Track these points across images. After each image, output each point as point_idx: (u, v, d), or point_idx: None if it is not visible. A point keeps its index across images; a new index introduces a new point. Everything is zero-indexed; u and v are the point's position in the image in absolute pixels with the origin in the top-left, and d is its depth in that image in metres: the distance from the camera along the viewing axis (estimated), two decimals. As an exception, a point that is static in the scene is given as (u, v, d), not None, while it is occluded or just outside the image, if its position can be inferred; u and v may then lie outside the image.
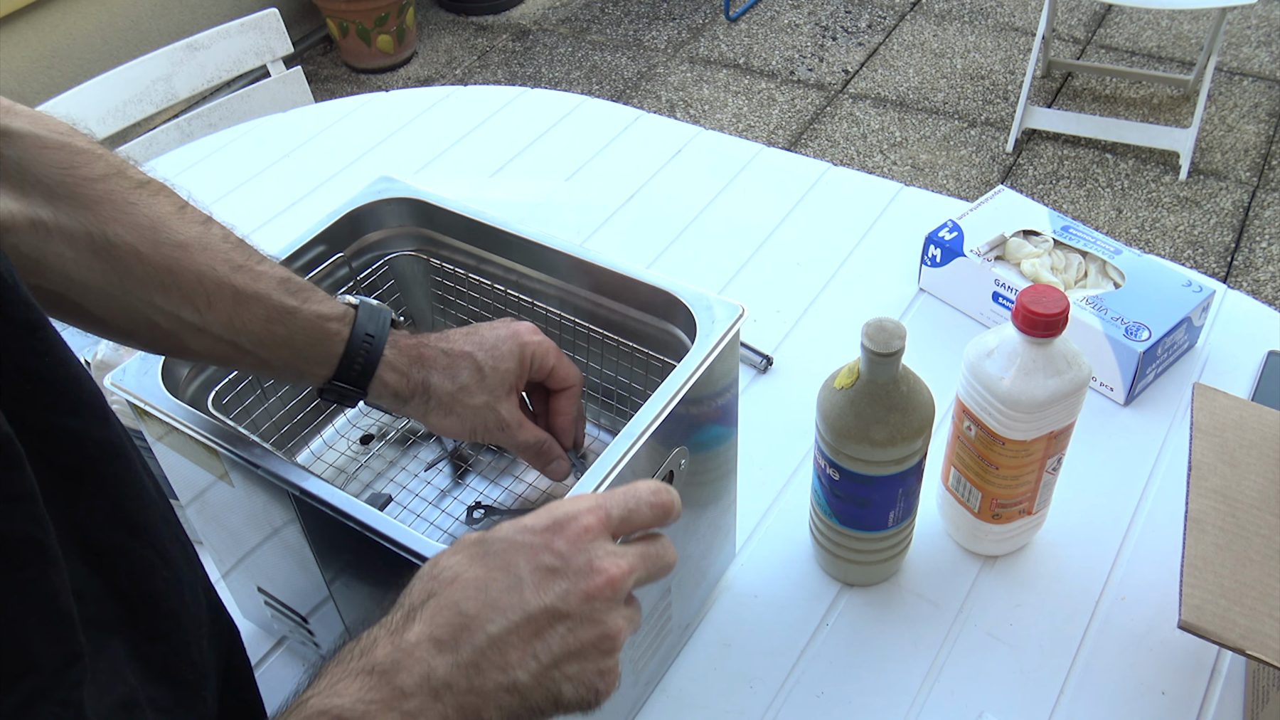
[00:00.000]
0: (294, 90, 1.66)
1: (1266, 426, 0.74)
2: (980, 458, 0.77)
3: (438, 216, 0.81)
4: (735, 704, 0.75)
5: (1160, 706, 0.74)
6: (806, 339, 1.04)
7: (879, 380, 0.70)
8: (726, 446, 0.75)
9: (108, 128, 1.48)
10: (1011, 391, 0.71)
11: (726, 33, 3.26)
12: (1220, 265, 2.34)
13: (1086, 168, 2.62)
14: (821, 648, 0.78)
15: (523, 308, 0.80)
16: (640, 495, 0.50)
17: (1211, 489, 0.70)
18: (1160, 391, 0.96)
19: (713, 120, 2.89)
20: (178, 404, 0.65)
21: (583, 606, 0.46)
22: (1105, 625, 0.79)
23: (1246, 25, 3.06)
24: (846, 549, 0.79)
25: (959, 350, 0.76)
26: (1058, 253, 1.02)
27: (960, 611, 0.80)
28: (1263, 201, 2.49)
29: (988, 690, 0.75)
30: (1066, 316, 0.70)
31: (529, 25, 3.39)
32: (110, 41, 2.75)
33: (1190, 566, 0.65)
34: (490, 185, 1.27)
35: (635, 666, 0.72)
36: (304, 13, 3.24)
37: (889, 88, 2.96)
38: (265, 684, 0.79)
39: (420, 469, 0.84)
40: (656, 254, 1.15)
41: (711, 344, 0.65)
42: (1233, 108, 2.77)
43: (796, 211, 1.20)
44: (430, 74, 3.20)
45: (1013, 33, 3.16)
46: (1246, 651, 0.61)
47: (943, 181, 2.62)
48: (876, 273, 1.11)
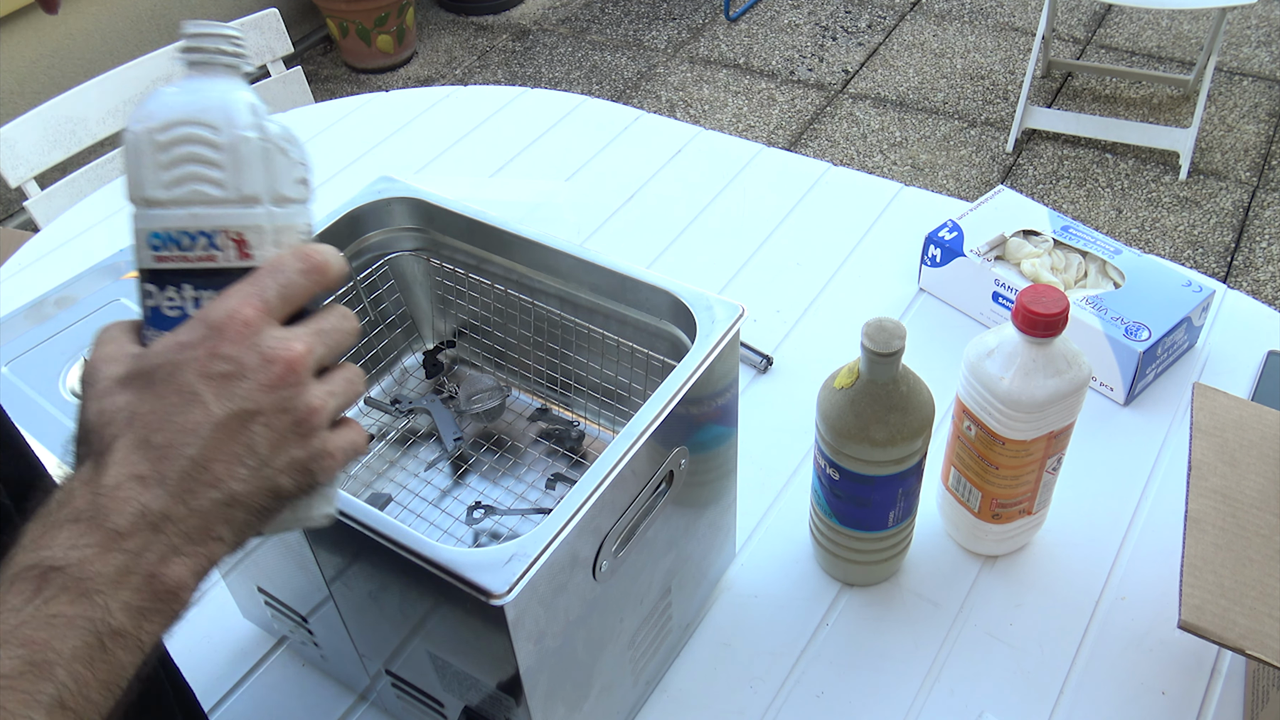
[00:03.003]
0: (294, 90, 1.66)
1: (1266, 426, 0.74)
2: (980, 458, 0.77)
3: (438, 216, 0.81)
4: (735, 704, 0.75)
5: (1160, 706, 0.74)
6: (806, 339, 1.04)
7: (879, 380, 0.70)
8: (726, 446, 0.75)
9: (108, 128, 1.48)
10: (1011, 391, 0.71)
11: (726, 33, 3.26)
12: (1220, 265, 2.34)
13: (1086, 168, 2.62)
14: (821, 648, 0.78)
15: (523, 308, 0.80)
16: (287, 266, 0.47)
17: (1211, 489, 0.70)
18: (1160, 391, 0.96)
19: (713, 120, 2.89)
20: (178, 404, 0.64)
21: (270, 398, 0.45)
22: (1105, 625, 0.79)
23: (1246, 25, 3.06)
24: (846, 549, 0.79)
25: (959, 350, 0.76)
26: (1058, 253, 1.02)
27: (960, 611, 0.80)
28: (1263, 201, 2.49)
29: (988, 690, 0.75)
30: (1066, 316, 0.70)
31: (529, 25, 3.39)
32: (110, 41, 2.75)
33: (1190, 566, 0.65)
34: (490, 185, 1.27)
35: (635, 666, 0.72)
36: (304, 13, 3.24)
37: (889, 88, 2.96)
38: (266, 684, 0.79)
39: (420, 469, 0.84)
40: (656, 254, 1.15)
41: (711, 344, 0.65)
42: (1233, 108, 2.77)
43: (796, 211, 1.20)
44: (430, 74, 3.20)
45: (1013, 33, 3.16)
46: (1246, 651, 0.61)
47: (943, 181, 2.62)
48: (876, 273, 1.11)
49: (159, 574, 0.42)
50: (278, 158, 0.50)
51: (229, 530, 0.44)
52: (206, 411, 0.44)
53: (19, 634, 0.39)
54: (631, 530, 0.63)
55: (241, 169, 0.49)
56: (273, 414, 0.45)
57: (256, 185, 0.49)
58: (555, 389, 0.85)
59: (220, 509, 0.44)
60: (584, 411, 0.86)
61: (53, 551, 0.41)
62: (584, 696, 0.66)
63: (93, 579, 0.40)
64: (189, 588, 0.43)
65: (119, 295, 1.12)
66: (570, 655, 0.62)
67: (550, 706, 0.62)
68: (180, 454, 0.43)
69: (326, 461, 0.46)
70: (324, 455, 0.46)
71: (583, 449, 0.85)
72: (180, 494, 0.43)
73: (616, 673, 0.69)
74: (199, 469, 0.43)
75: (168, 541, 0.42)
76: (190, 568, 0.43)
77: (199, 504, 0.43)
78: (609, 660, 0.67)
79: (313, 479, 0.46)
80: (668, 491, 0.66)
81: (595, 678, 0.67)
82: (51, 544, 0.41)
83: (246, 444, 0.44)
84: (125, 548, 0.41)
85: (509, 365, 0.87)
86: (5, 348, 1.06)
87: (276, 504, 0.45)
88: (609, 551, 0.61)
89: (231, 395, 0.44)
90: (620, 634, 0.68)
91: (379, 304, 0.84)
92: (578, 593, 0.60)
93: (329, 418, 0.47)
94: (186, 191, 0.48)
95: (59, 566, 0.40)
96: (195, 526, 0.43)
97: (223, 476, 0.44)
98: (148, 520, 0.42)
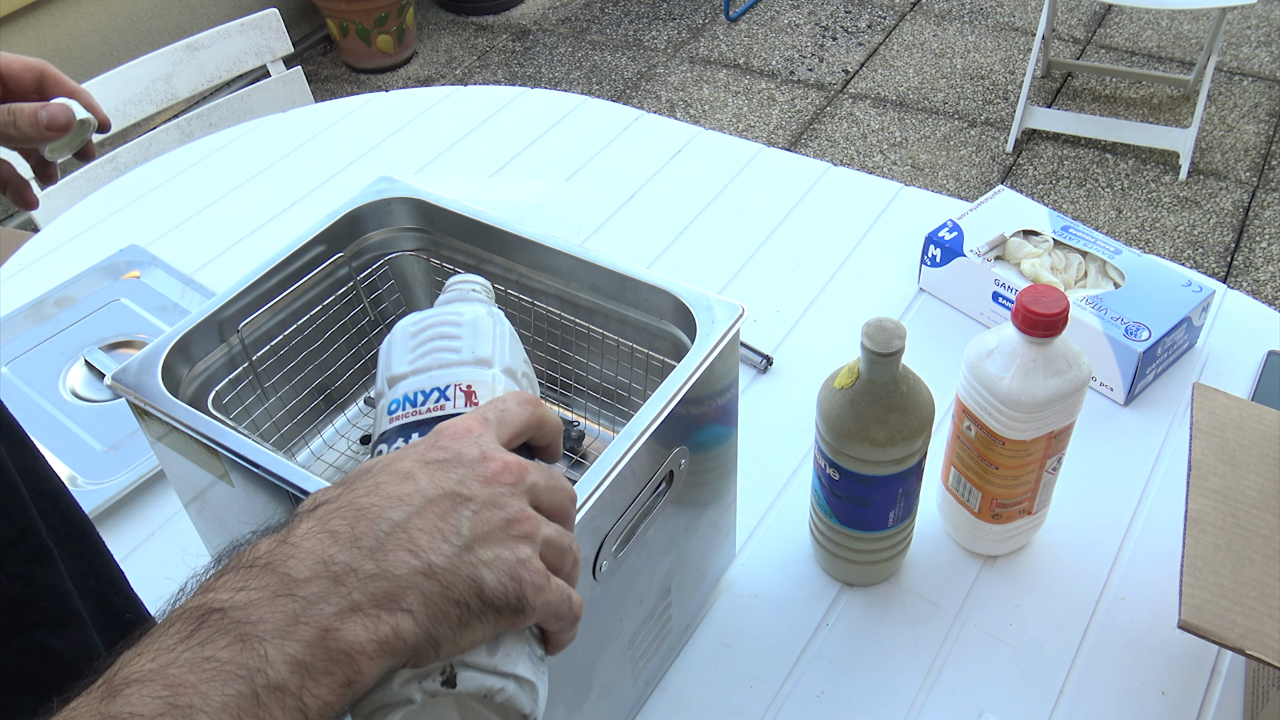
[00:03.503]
0: (294, 90, 1.66)
1: (1266, 426, 0.74)
2: (980, 458, 0.77)
3: (438, 216, 0.81)
4: (735, 704, 0.75)
5: (1160, 706, 0.74)
6: (806, 339, 1.04)
7: (879, 380, 0.70)
8: (726, 446, 0.75)
9: (108, 128, 1.48)
10: (1011, 391, 0.71)
11: (726, 33, 3.26)
12: (1220, 265, 2.34)
13: (1086, 168, 2.62)
14: (821, 648, 0.78)
15: (523, 307, 0.80)
16: (505, 398, 0.48)
17: (1211, 489, 0.70)
18: (1160, 391, 0.96)
19: (713, 120, 2.89)
20: (178, 404, 0.65)
21: (484, 490, 0.43)
22: (1105, 625, 0.79)
23: (1246, 25, 3.06)
24: (846, 549, 0.79)
25: (959, 350, 0.76)
26: (1058, 253, 1.02)
27: (960, 611, 0.80)
28: (1263, 201, 2.49)
29: (988, 690, 0.75)
30: (1066, 316, 0.70)
31: (529, 25, 3.39)
32: (110, 41, 2.75)
33: (1190, 566, 0.65)
34: (490, 185, 1.27)
35: (635, 666, 0.72)
36: (304, 13, 3.24)
37: (889, 88, 2.96)
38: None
39: (420, 469, 0.84)
40: (656, 254, 1.15)
41: (711, 344, 0.65)
42: (1233, 108, 2.77)
43: (796, 211, 1.20)
44: (430, 74, 3.20)
45: (1013, 33, 3.16)
46: (1246, 651, 0.61)
47: (943, 181, 2.62)
48: (876, 273, 1.11)
49: (333, 629, 0.37)
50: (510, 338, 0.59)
51: (421, 605, 0.39)
52: (417, 486, 0.42)
53: (166, 674, 0.35)
54: (631, 530, 0.63)
55: (479, 338, 0.57)
56: (484, 505, 0.42)
57: (488, 350, 0.56)
58: (555, 389, 0.85)
59: (414, 577, 0.39)
60: (584, 411, 0.86)
61: (217, 594, 0.37)
62: (584, 696, 0.66)
63: (256, 624, 0.36)
64: (366, 655, 0.37)
65: (119, 295, 1.12)
66: (570, 655, 0.62)
67: (550, 706, 0.62)
68: (383, 516, 0.41)
69: (536, 578, 0.42)
70: (534, 569, 0.42)
71: (583, 449, 0.85)
72: (372, 553, 0.39)
73: (616, 673, 0.69)
74: (399, 532, 0.40)
75: (348, 597, 0.38)
76: (371, 632, 0.38)
77: (390, 565, 0.39)
78: (609, 660, 0.67)
79: (520, 590, 0.42)
80: (668, 491, 0.66)
81: (595, 678, 0.67)
82: (219, 586, 0.38)
83: (454, 525, 0.41)
84: (299, 594, 0.37)
85: (509, 365, 0.87)
86: (5, 348, 1.06)
87: (476, 602, 0.41)
88: (609, 551, 0.61)
89: (446, 477, 0.43)
90: (620, 634, 0.68)
91: (379, 304, 0.84)
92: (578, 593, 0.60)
93: (541, 536, 0.44)
94: (429, 360, 0.55)
95: (221, 608, 0.37)
96: (382, 589, 0.39)
97: (423, 546, 0.40)
98: (330, 570, 0.38)
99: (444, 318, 0.58)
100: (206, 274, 1.15)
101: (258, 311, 0.74)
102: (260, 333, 0.75)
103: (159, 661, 0.35)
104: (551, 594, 0.43)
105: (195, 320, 0.70)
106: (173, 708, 0.34)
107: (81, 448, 0.94)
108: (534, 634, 0.45)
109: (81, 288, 1.13)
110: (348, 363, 0.83)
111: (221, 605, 0.37)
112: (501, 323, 0.59)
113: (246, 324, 0.73)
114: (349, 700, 0.37)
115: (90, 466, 0.93)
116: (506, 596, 0.41)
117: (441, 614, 0.39)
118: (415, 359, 0.56)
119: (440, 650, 0.40)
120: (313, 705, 0.36)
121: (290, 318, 0.77)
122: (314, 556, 0.38)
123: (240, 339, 0.73)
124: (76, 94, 0.72)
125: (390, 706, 0.40)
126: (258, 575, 0.38)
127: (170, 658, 0.35)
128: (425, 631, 0.39)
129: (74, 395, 1.00)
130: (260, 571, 0.38)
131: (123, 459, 0.93)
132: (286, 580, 0.38)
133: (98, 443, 0.95)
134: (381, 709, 0.40)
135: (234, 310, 0.73)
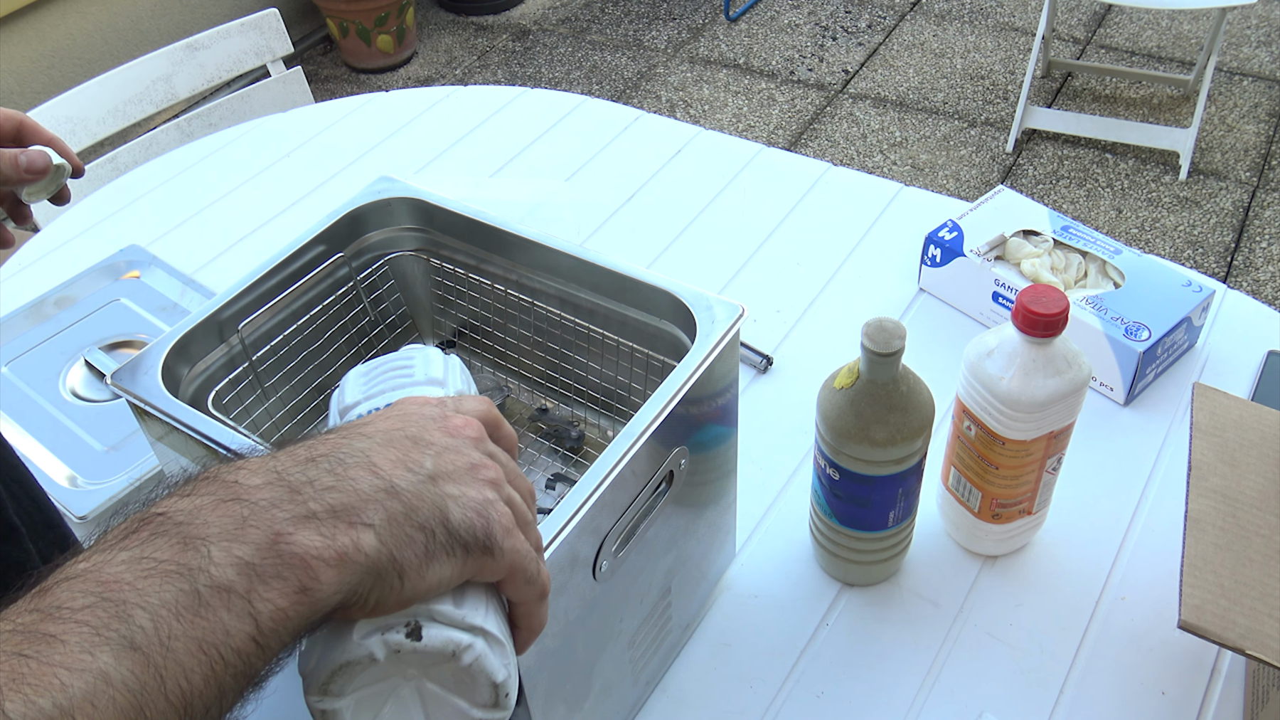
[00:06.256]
0: (294, 90, 1.66)
1: (1266, 426, 0.74)
2: (980, 458, 0.77)
3: (438, 216, 0.81)
4: (735, 704, 0.75)
5: (1160, 706, 0.74)
6: (806, 339, 1.04)
7: (879, 380, 0.70)
8: (726, 446, 0.75)
9: (108, 128, 1.48)
10: (1011, 391, 0.71)
11: (726, 33, 3.26)
12: (1220, 265, 2.34)
13: (1086, 168, 2.62)
14: (821, 648, 0.78)
15: (523, 308, 0.80)
16: (462, 395, 0.48)
17: (1211, 489, 0.70)
18: (1160, 391, 0.96)
19: (713, 120, 2.89)
20: (178, 404, 0.65)
21: (446, 439, 0.41)
22: (1105, 625, 0.79)
23: (1246, 25, 3.06)
24: (846, 549, 0.79)
25: (959, 350, 0.76)
26: (1058, 253, 1.02)
27: (960, 611, 0.80)
28: (1263, 201, 2.49)
29: (988, 690, 0.75)
30: (1066, 316, 0.70)
31: (529, 25, 3.39)
32: (110, 41, 2.75)
33: (1190, 566, 0.65)
34: (490, 185, 1.27)
35: (635, 666, 0.72)
36: (304, 13, 3.24)
37: (889, 88, 2.96)
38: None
39: (420, 469, 0.84)
40: (656, 254, 1.15)
41: (711, 344, 0.65)
42: (1233, 108, 2.77)
43: (796, 211, 1.20)
44: (430, 74, 3.20)
45: (1013, 33, 3.16)
46: (1246, 651, 0.61)
47: (943, 181, 2.62)
48: (876, 273, 1.11)
49: (285, 533, 0.34)
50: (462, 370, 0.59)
51: (384, 521, 0.37)
52: (377, 428, 0.41)
53: (100, 573, 0.33)
54: (631, 530, 0.63)
55: (430, 364, 0.57)
56: (446, 450, 0.41)
57: (440, 373, 0.56)
58: (555, 389, 0.85)
59: (376, 493, 0.37)
60: (584, 411, 0.86)
61: (160, 504, 0.35)
62: (584, 696, 0.66)
63: (200, 526, 0.34)
64: (324, 561, 0.34)
65: (119, 295, 1.12)
66: (570, 655, 0.62)
67: (550, 706, 0.62)
68: (341, 447, 0.39)
69: (504, 519, 0.40)
70: (502, 512, 0.41)
71: (583, 449, 0.85)
72: (332, 468, 0.37)
73: (616, 673, 0.69)
74: (358, 455, 0.38)
75: (304, 505, 0.35)
76: (328, 539, 0.35)
77: (351, 480, 0.37)
78: (609, 660, 0.67)
79: (488, 528, 0.40)
80: (668, 491, 0.66)
81: (595, 678, 0.67)
82: (162, 500, 0.35)
83: (417, 459, 0.40)
84: (248, 499, 0.35)
85: (509, 365, 0.87)
86: (5, 348, 1.06)
87: (441, 530, 0.38)
88: (609, 551, 0.61)
89: (407, 426, 0.42)
90: (620, 634, 0.68)
91: (379, 304, 0.84)
92: (578, 593, 0.60)
93: (506, 492, 0.42)
94: (381, 385, 0.56)
95: (163, 513, 0.34)
96: (341, 501, 0.36)
97: (383, 467, 0.38)
98: (285, 481, 0.36)
99: (395, 358, 0.58)
100: (206, 274, 1.15)
101: (258, 311, 0.74)
102: (260, 333, 0.75)
103: (93, 561, 0.33)
104: (520, 543, 0.41)
105: (195, 320, 0.70)
106: (103, 600, 0.32)
107: (81, 448, 0.94)
108: (502, 605, 0.43)
109: (81, 288, 1.13)
110: (348, 363, 0.83)
111: (164, 510, 0.34)
112: (454, 359, 0.59)
113: (246, 324, 0.73)
114: (308, 612, 0.35)
115: (90, 466, 0.93)
116: (474, 532, 0.39)
117: (406, 537, 0.37)
118: (368, 387, 0.55)
119: (405, 580, 0.37)
120: (264, 610, 0.33)
121: (290, 318, 0.77)
122: (267, 468, 0.36)
123: (240, 339, 0.73)
124: (53, 142, 0.76)
125: (350, 665, 0.38)
126: (205, 485, 0.35)
127: (105, 558, 0.33)
128: (389, 551, 0.36)
129: (74, 395, 1.00)
130: (208, 482, 0.36)
131: (123, 459, 0.93)
132: (235, 487, 0.35)
133: (98, 443, 0.95)
134: (342, 669, 0.38)
135: (234, 310, 0.73)
